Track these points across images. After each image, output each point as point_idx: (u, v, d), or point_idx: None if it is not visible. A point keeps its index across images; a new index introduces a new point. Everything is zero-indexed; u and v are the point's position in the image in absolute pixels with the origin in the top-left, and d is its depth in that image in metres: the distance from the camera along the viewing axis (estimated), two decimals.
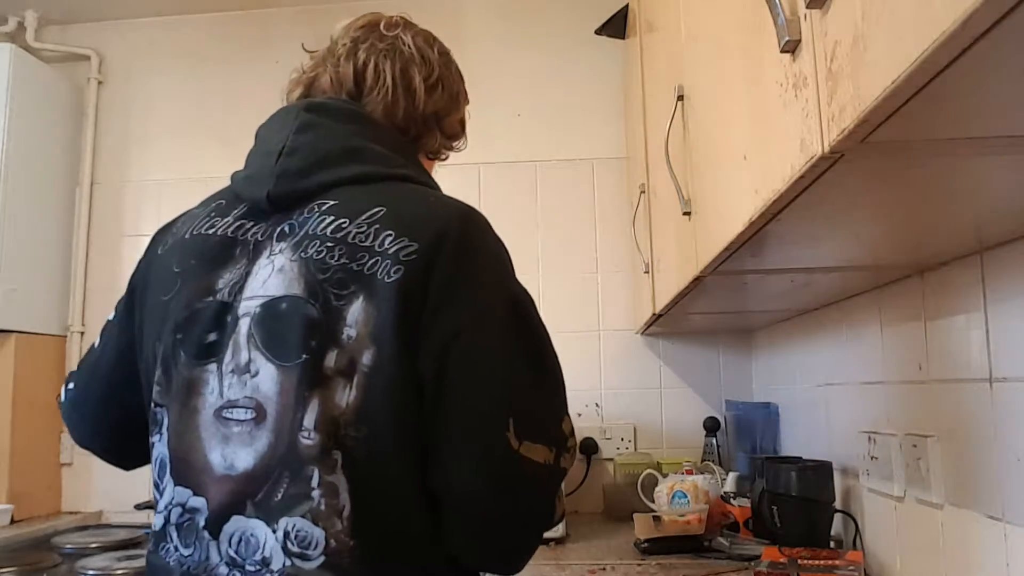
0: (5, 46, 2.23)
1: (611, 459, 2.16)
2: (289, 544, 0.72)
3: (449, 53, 0.99)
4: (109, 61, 2.53)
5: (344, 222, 0.76)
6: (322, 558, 0.71)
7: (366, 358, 0.72)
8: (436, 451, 0.73)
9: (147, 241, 0.97)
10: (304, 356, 0.73)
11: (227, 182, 0.89)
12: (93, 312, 2.41)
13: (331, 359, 0.73)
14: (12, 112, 2.20)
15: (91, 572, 1.66)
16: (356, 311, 0.73)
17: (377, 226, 0.75)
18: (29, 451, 2.21)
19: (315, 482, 0.72)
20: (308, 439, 0.72)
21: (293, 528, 0.72)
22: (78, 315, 2.39)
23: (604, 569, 1.45)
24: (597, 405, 2.23)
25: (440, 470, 0.73)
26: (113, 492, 2.31)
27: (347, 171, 0.81)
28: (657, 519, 1.54)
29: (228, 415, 0.75)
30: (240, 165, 0.88)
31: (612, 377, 2.24)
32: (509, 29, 2.42)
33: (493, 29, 2.42)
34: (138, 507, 1.99)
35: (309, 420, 0.72)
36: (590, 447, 2.18)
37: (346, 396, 0.72)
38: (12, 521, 2.08)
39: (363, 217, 0.76)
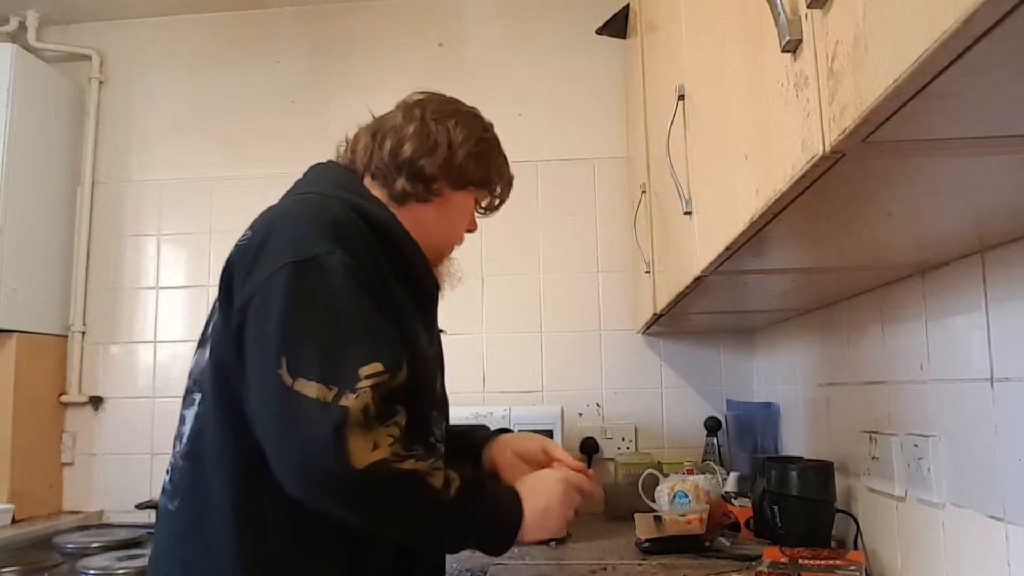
0: (6, 46, 2.24)
1: (612, 459, 2.15)
2: (168, 465, 0.97)
3: (448, 114, 1.12)
4: (110, 61, 2.54)
5: None
6: (170, 475, 0.96)
7: (215, 319, 0.96)
8: (247, 388, 0.88)
9: (148, 241, 1.08)
10: (203, 328, 1.00)
11: (228, 182, 1.06)
12: (94, 312, 2.41)
13: (210, 326, 0.97)
14: (13, 112, 2.20)
15: (92, 572, 1.66)
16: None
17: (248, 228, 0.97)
18: (30, 451, 2.21)
19: (179, 416, 0.97)
20: (186, 384, 0.98)
21: (170, 452, 0.97)
22: (79, 315, 2.39)
23: (605, 569, 1.45)
24: (598, 405, 2.23)
25: (247, 404, 0.88)
26: (114, 492, 2.31)
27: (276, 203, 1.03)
28: (658, 519, 1.54)
29: None
30: (240, 165, 0.94)
31: (613, 377, 2.24)
32: (510, 29, 2.42)
33: (494, 29, 2.42)
34: (139, 507, 1.99)
35: (190, 370, 0.99)
36: (591, 447, 2.18)
37: (209, 350, 0.95)
38: (13, 521, 2.08)
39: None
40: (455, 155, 1.09)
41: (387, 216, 1.02)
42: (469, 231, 1.20)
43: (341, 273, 0.87)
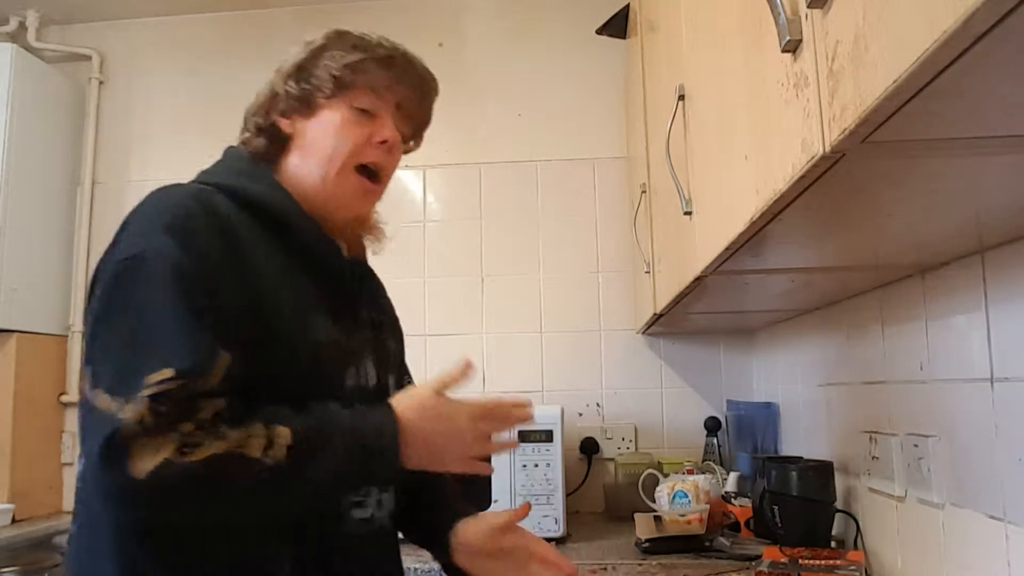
0: (6, 46, 2.24)
1: (612, 459, 2.15)
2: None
3: (311, 42, 1.08)
4: (110, 61, 2.54)
5: None
6: (75, 496, 0.94)
7: None
8: None
9: None
10: None
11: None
12: None
13: None
14: (13, 112, 2.20)
15: None
16: None
17: None
18: (30, 451, 2.21)
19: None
20: None
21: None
22: (79, 315, 2.39)
23: (605, 569, 1.45)
24: (598, 405, 2.23)
25: None
26: None
27: None
28: (658, 519, 1.54)
29: None
30: None
31: (613, 377, 2.24)
32: (510, 29, 2.42)
33: (494, 29, 2.42)
34: None
35: None
36: (591, 447, 2.18)
37: None
38: (13, 521, 2.08)
39: None
40: (276, 85, 1.07)
41: (274, 196, 0.97)
42: (383, 142, 1.02)
43: (163, 270, 0.83)
